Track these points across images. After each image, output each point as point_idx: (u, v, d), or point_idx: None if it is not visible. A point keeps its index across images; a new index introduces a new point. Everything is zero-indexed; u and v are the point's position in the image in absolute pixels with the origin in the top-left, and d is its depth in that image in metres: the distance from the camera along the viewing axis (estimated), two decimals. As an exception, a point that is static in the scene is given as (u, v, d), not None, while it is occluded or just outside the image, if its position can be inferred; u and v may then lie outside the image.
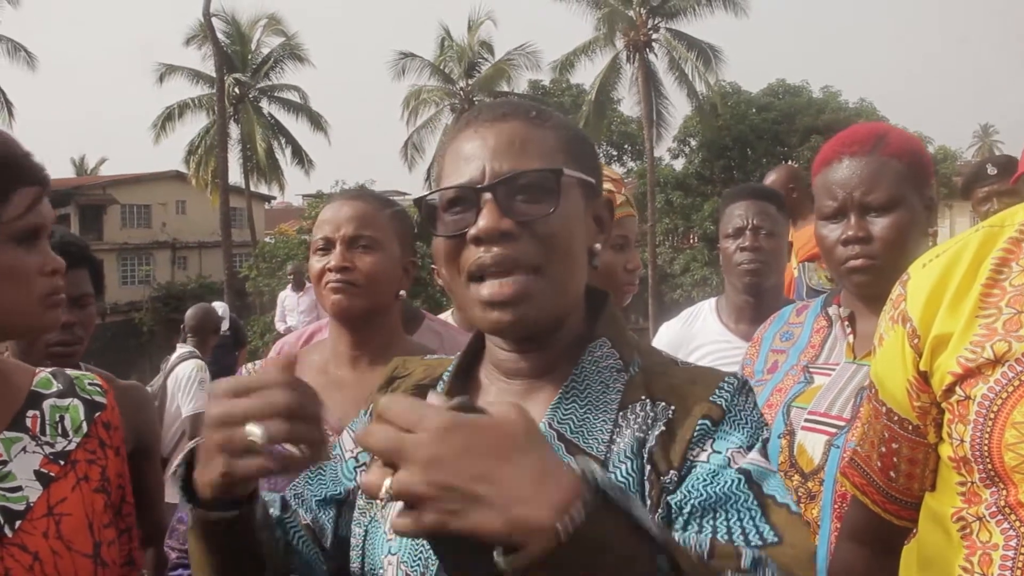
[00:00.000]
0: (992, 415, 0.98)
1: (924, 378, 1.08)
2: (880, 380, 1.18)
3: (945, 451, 1.08)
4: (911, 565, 1.18)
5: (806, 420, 1.57)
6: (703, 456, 0.90)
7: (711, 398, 0.94)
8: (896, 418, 1.14)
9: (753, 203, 2.47)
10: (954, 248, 1.10)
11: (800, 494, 1.53)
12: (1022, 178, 1.35)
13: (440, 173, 1.02)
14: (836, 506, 1.48)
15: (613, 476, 0.93)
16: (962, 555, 1.03)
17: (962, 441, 1.02)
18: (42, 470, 1.21)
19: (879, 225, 1.51)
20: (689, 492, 0.88)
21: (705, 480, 0.88)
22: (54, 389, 1.29)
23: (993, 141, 59.15)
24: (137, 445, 1.76)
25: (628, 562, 0.71)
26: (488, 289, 0.95)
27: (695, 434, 0.92)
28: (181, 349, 5.07)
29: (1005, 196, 3.34)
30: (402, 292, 1.74)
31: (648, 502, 0.90)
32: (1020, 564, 0.96)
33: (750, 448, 0.92)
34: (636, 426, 0.95)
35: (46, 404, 1.27)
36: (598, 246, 1.03)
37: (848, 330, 1.64)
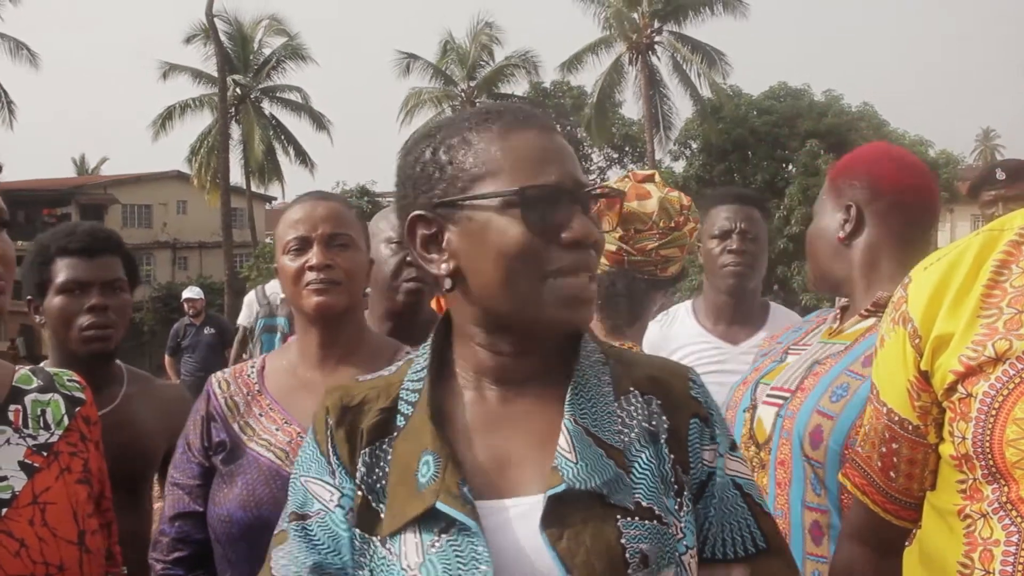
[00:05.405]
0: (994, 412, 1.00)
1: (925, 378, 1.10)
2: (881, 381, 1.19)
3: (946, 450, 1.09)
4: (914, 562, 1.19)
5: (767, 395, 1.65)
6: (709, 457, 1.04)
7: (691, 392, 1.06)
8: (897, 418, 1.16)
9: (741, 208, 2.52)
10: (955, 251, 1.12)
11: (754, 464, 1.63)
12: None
13: (499, 165, 0.98)
14: (777, 472, 1.59)
15: (635, 464, 0.99)
16: (961, 551, 1.04)
17: (964, 438, 1.03)
18: (26, 461, 1.24)
19: None
20: (708, 511, 1.03)
21: (716, 498, 1.03)
22: (34, 385, 1.33)
23: (994, 145, 59.15)
24: (172, 445, 1.74)
25: None
26: (575, 288, 0.98)
27: (691, 433, 1.03)
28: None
29: (1011, 202, 3.34)
30: (367, 290, 1.73)
31: (675, 487, 1.01)
32: (1022, 559, 0.97)
33: (733, 448, 1.08)
34: (640, 417, 1.03)
35: (27, 399, 1.30)
36: None
37: (837, 317, 1.70)
